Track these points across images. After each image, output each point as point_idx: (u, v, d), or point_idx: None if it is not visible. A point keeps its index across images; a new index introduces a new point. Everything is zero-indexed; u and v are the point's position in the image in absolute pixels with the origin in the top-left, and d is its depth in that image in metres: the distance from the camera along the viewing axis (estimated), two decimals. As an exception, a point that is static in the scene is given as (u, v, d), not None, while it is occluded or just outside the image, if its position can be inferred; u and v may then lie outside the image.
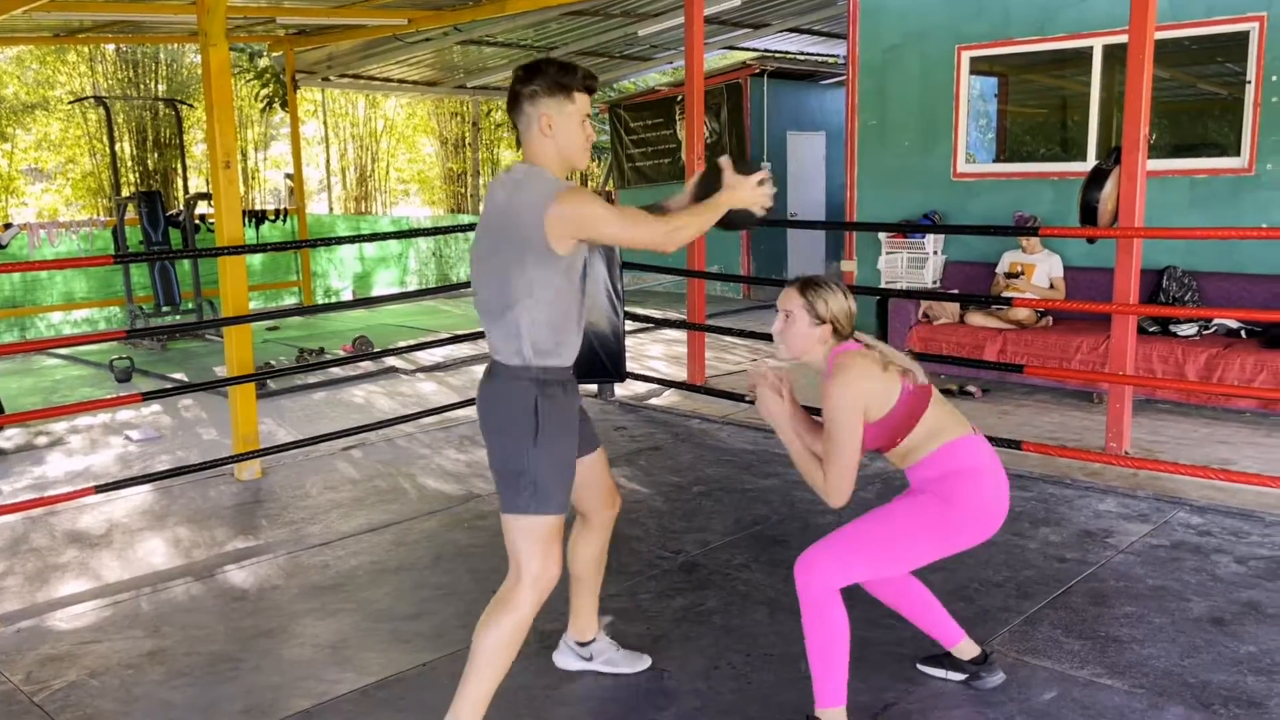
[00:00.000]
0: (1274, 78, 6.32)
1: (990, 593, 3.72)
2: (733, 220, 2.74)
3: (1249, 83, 6.42)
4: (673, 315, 8.62)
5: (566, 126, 2.60)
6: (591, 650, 3.20)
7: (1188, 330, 6.31)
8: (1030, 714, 2.88)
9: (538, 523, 2.62)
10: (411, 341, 8.92)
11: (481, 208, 2.74)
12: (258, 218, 11.81)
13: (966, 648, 3.06)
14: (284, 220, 12.16)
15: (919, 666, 3.17)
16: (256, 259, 12.62)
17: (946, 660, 3.10)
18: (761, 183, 2.71)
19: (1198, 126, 7.35)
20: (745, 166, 2.72)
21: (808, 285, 2.74)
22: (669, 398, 6.97)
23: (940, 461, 2.68)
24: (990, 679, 3.03)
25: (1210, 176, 6.65)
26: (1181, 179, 6.73)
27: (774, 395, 2.79)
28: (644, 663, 3.22)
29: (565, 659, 3.23)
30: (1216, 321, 6.36)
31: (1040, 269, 6.95)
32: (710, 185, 2.73)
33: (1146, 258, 5.81)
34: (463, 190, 22.98)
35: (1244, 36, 6.42)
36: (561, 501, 2.66)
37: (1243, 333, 6.29)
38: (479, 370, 8.40)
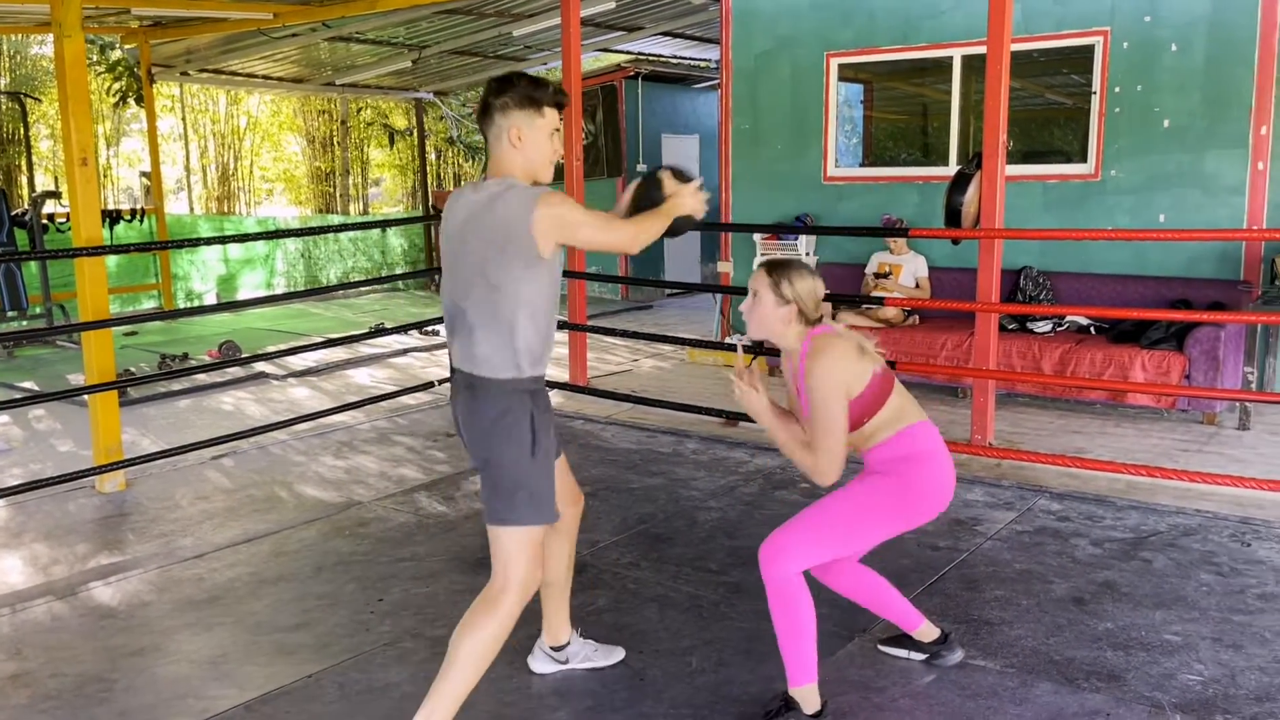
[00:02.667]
0: (1116, 89, 6.73)
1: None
2: (676, 226, 2.86)
3: (1094, 93, 6.82)
4: (552, 316, 8.61)
5: (535, 140, 2.66)
6: (567, 654, 3.21)
7: (1043, 327, 6.66)
8: (912, 696, 3.00)
9: (534, 532, 2.66)
10: (282, 346, 8.68)
11: (445, 225, 2.74)
12: (112, 218, 11.25)
13: (926, 631, 3.18)
14: (141, 220, 11.62)
15: (880, 647, 3.28)
16: (111, 261, 12.01)
17: (907, 640, 3.21)
18: (699, 189, 2.85)
19: (1049, 135, 7.76)
20: (683, 176, 2.86)
21: (774, 267, 2.82)
22: (552, 398, 6.95)
23: (901, 444, 2.81)
24: (951, 656, 3.16)
25: (1061, 182, 7.04)
26: (1035, 184, 7.10)
27: (752, 390, 2.85)
28: (619, 654, 3.26)
29: (540, 664, 3.22)
30: (1069, 318, 6.73)
31: (907, 269, 7.23)
32: (649, 195, 2.84)
33: (1005, 258, 6.11)
34: (331, 190, 22.39)
35: (1089, 50, 6.82)
36: (554, 509, 2.71)
37: (1092, 329, 6.67)
38: (353, 374, 8.28)
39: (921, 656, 3.20)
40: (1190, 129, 6.51)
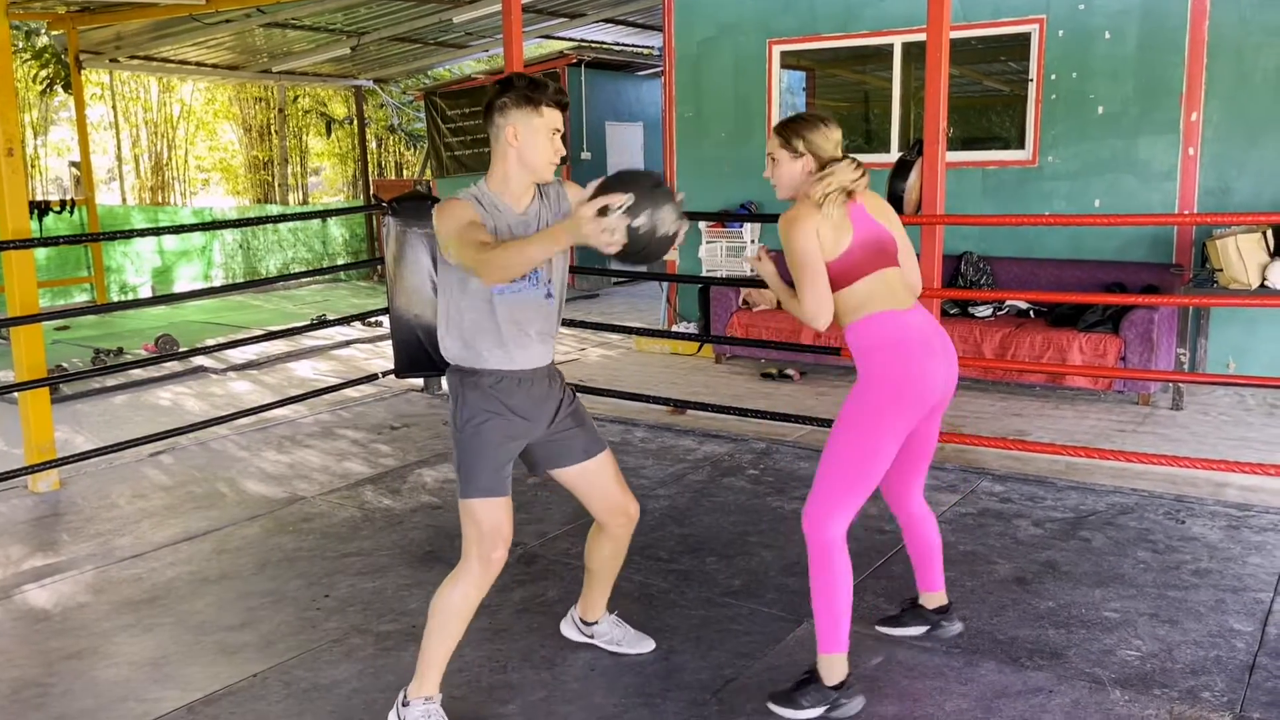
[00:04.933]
0: (1053, 77, 6.85)
1: (817, 566, 3.88)
2: (637, 253, 2.43)
3: (1031, 80, 6.92)
4: (497, 306, 8.54)
5: (532, 139, 2.70)
6: (594, 630, 3.29)
7: (984, 312, 6.76)
8: (860, 679, 3.03)
9: (472, 505, 2.77)
10: (221, 339, 8.53)
11: None
12: (41, 209, 10.94)
13: (937, 598, 3.23)
14: (71, 212, 11.32)
15: (878, 628, 3.31)
16: (41, 254, 11.69)
17: (907, 615, 3.26)
18: (602, 212, 2.30)
19: (988, 121, 7.87)
20: (617, 186, 2.39)
21: (783, 125, 2.91)
22: (497, 389, 6.91)
23: (865, 331, 2.82)
24: (951, 628, 3.22)
25: (1000, 168, 7.15)
26: (975, 170, 7.20)
27: (765, 261, 3.14)
28: (648, 645, 3.27)
29: (569, 630, 3.35)
30: (1009, 303, 6.84)
31: (851, 256, 7.28)
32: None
33: (946, 244, 6.19)
34: (269, 179, 21.98)
35: (1026, 38, 6.92)
36: (489, 489, 2.76)
37: (1031, 313, 6.79)
38: (295, 367, 8.15)
39: (920, 630, 3.24)
40: (1123, 115, 6.65)
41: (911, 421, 2.81)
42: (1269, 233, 5.80)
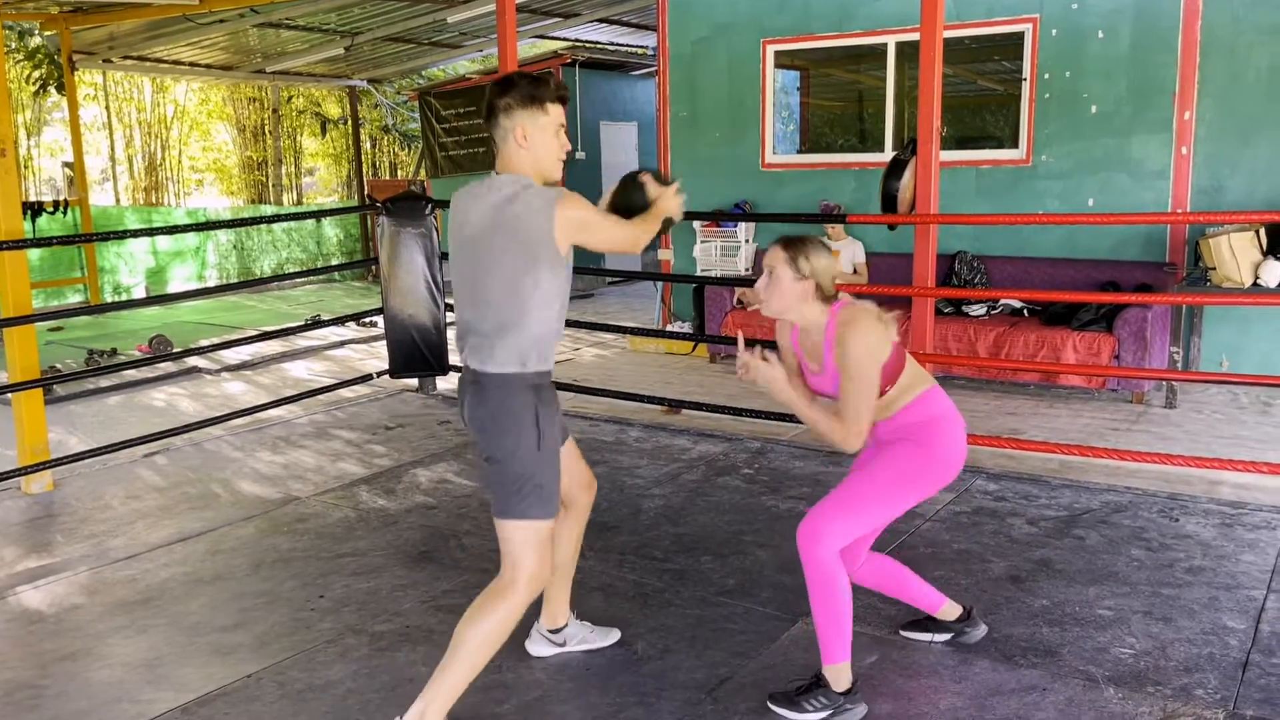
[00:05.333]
0: (1046, 75, 6.86)
1: (812, 565, 3.88)
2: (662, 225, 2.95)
3: (1024, 80, 6.93)
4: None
5: (541, 138, 2.69)
6: (564, 635, 3.24)
7: (978, 310, 6.77)
8: (857, 678, 3.03)
9: (540, 526, 2.68)
10: (215, 340, 8.51)
11: (460, 224, 2.76)
12: (34, 210, 10.91)
13: (949, 610, 3.22)
14: (64, 212, 11.29)
15: (901, 632, 3.30)
16: (35, 255, 11.66)
17: (930, 623, 3.25)
18: (679, 191, 2.93)
19: (982, 121, 7.88)
20: (663, 179, 2.93)
21: (791, 243, 2.83)
22: (492, 389, 6.91)
23: (919, 409, 2.87)
24: (974, 633, 3.21)
25: (993, 167, 7.16)
26: (969, 169, 7.21)
27: (768, 366, 2.80)
28: (615, 635, 3.29)
29: (538, 647, 3.23)
30: (1003, 302, 6.86)
31: (845, 255, 7.30)
32: (632, 197, 2.90)
33: (940, 243, 6.19)
34: (264, 179, 21.94)
35: (1020, 37, 6.93)
36: (557, 503, 2.74)
37: (1025, 312, 6.80)
38: (289, 367, 8.13)
39: (945, 637, 3.23)
40: (1117, 115, 6.66)
41: (939, 489, 2.93)
42: (1262, 231, 5.82)
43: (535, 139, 2.68)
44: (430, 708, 2.63)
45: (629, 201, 2.89)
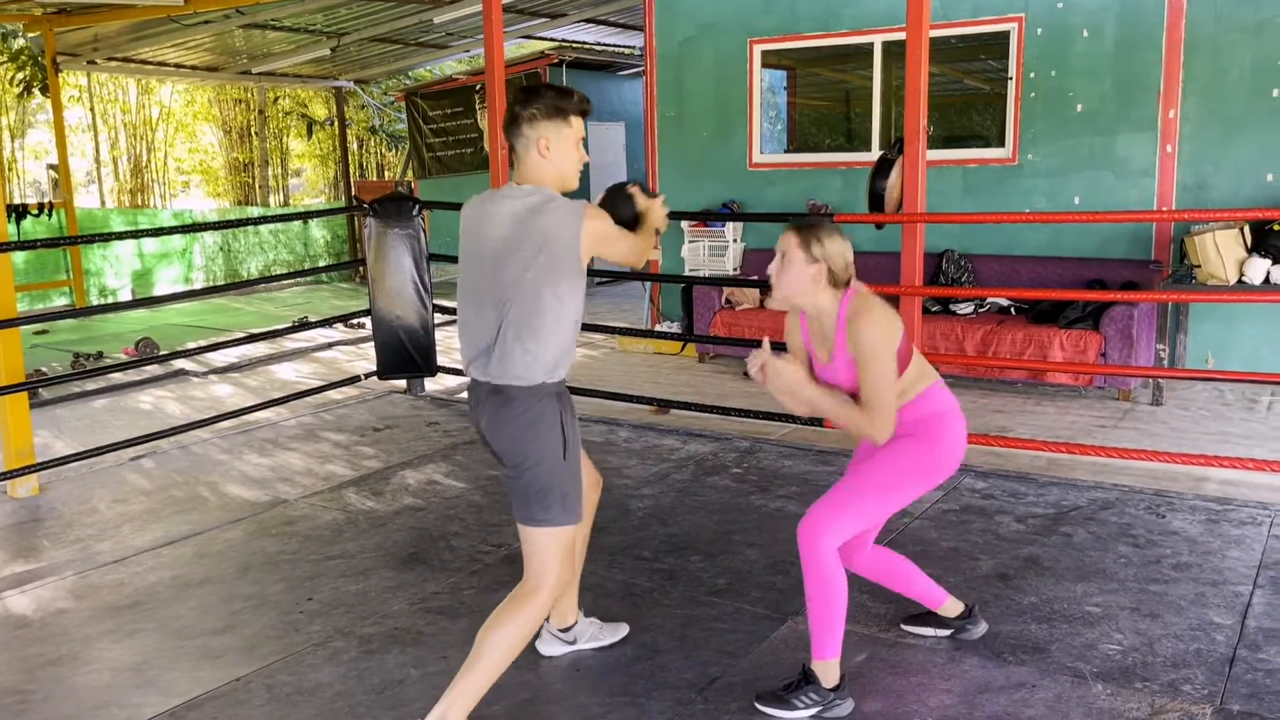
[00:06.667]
0: (1032, 75, 6.88)
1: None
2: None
3: (1010, 79, 6.96)
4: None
5: (563, 149, 2.72)
6: (574, 634, 3.25)
7: (965, 309, 6.79)
8: (845, 675, 3.04)
9: (566, 533, 2.71)
10: (202, 342, 8.47)
11: (476, 233, 2.74)
12: (19, 212, 10.84)
13: (951, 607, 3.23)
14: (49, 215, 11.22)
15: (904, 626, 3.31)
16: (19, 258, 11.59)
17: (931, 618, 3.26)
18: (664, 203, 2.99)
19: (968, 120, 7.90)
20: (649, 191, 2.98)
21: (804, 227, 2.82)
22: (480, 390, 6.89)
23: (924, 404, 2.87)
24: (975, 630, 3.22)
25: (980, 166, 7.18)
26: (955, 168, 7.23)
27: (790, 365, 2.80)
28: (624, 630, 3.31)
29: (549, 647, 3.24)
30: (990, 300, 6.88)
31: (833, 254, 7.29)
32: (620, 208, 2.90)
33: (927, 242, 6.21)
34: (250, 181, 21.87)
35: (1005, 36, 6.95)
36: (581, 509, 2.77)
37: (1012, 310, 6.83)
38: (277, 369, 8.10)
39: (946, 633, 3.25)
40: (1102, 113, 6.69)
41: (937, 485, 2.94)
42: (1246, 228, 5.85)
43: (557, 150, 2.70)
44: (451, 710, 2.64)
45: (618, 213, 2.88)
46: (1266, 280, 5.73)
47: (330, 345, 9.04)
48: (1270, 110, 6.20)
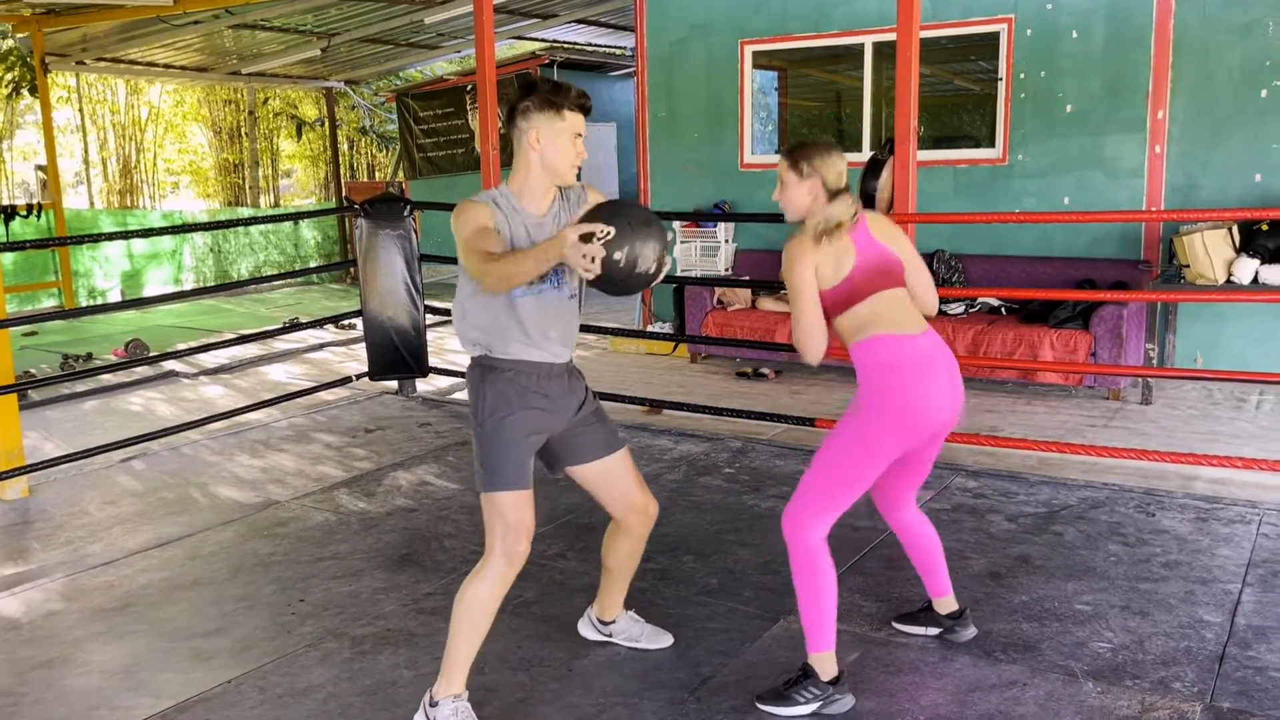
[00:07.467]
0: (1021, 75, 6.91)
1: (793, 564, 3.90)
2: (612, 283, 2.49)
3: (1000, 79, 6.98)
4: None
5: (555, 142, 2.73)
6: (612, 630, 3.30)
7: (956, 309, 6.81)
8: (841, 669, 3.04)
9: (499, 499, 2.76)
10: (192, 343, 8.44)
11: None
12: (7, 214, 10.80)
13: (948, 602, 3.24)
14: (38, 216, 11.17)
15: (895, 624, 3.32)
16: (7, 259, 11.56)
17: (923, 615, 3.27)
18: (585, 238, 2.38)
19: (958, 120, 7.92)
20: (605, 217, 2.44)
21: (793, 149, 2.94)
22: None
23: (870, 351, 2.85)
24: (964, 633, 3.22)
25: (970, 166, 7.20)
26: (946, 169, 7.25)
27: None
28: (666, 640, 3.29)
29: (587, 630, 3.34)
30: (980, 300, 6.90)
31: (824, 254, 7.31)
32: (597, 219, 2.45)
33: (918, 242, 6.22)
34: (240, 182, 21.80)
35: (995, 37, 6.98)
36: (511, 481, 2.76)
37: (1003, 310, 6.85)
38: (267, 371, 8.09)
39: (935, 631, 3.25)
40: (1091, 114, 6.71)
41: (906, 445, 2.84)
42: (1234, 229, 5.88)
43: (548, 143, 2.73)
44: (442, 676, 2.78)
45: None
46: (1255, 280, 5.76)
47: (321, 346, 9.02)
48: (1258, 111, 6.24)
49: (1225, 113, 6.34)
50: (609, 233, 2.40)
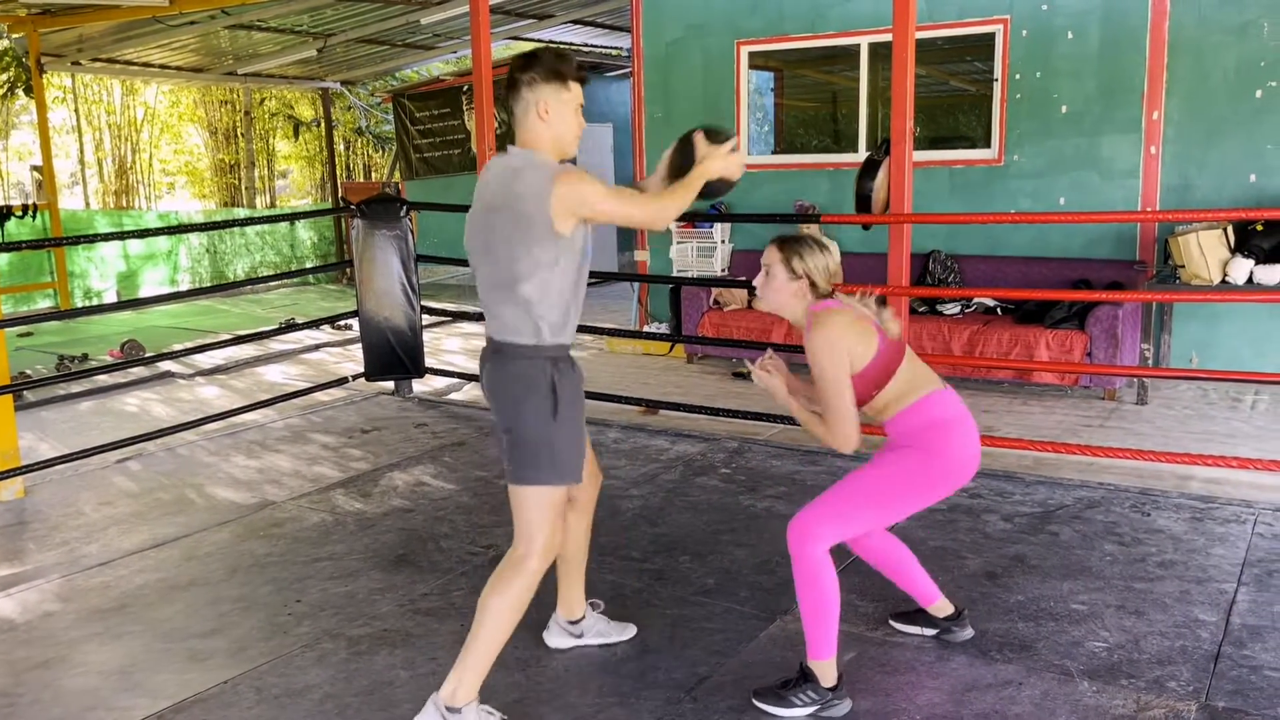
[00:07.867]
0: (1017, 76, 6.92)
1: (790, 564, 3.89)
2: (711, 189, 2.88)
3: (996, 80, 6.99)
4: (469, 308, 8.53)
5: (562, 113, 2.72)
6: (581, 628, 3.27)
7: (952, 309, 6.82)
8: (840, 674, 3.05)
9: (554, 493, 2.72)
10: (188, 344, 8.43)
11: (479, 193, 2.82)
12: (2, 214, 10.77)
13: (942, 606, 3.24)
14: (33, 217, 11.15)
15: (892, 623, 3.33)
16: (3, 260, 11.56)
17: (920, 615, 3.27)
18: (733, 150, 2.86)
19: (954, 121, 7.93)
20: (716, 136, 2.87)
21: (786, 242, 2.89)
22: (470, 392, 6.90)
23: (919, 414, 2.85)
24: (961, 633, 3.22)
25: (966, 167, 7.21)
26: (942, 169, 7.26)
27: (768, 375, 2.94)
28: (631, 630, 3.31)
29: (556, 638, 3.28)
30: (976, 300, 6.91)
31: (820, 255, 7.32)
32: (685, 158, 2.85)
33: (914, 242, 6.23)
34: (236, 182, 21.78)
35: (991, 38, 6.99)
36: (577, 471, 2.76)
37: (998, 310, 6.86)
38: (264, 371, 8.08)
39: (932, 632, 3.26)
40: (1086, 114, 6.73)
41: (951, 493, 2.90)
42: (1229, 229, 5.90)
43: (556, 114, 2.71)
44: (462, 684, 2.70)
45: (681, 163, 2.85)
46: (1249, 280, 5.77)
47: (318, 347, 9.01)
48: (1253, 111, 6.25)
49: (1220, 113, 6.35)
50: (736, 141, 2.87)
